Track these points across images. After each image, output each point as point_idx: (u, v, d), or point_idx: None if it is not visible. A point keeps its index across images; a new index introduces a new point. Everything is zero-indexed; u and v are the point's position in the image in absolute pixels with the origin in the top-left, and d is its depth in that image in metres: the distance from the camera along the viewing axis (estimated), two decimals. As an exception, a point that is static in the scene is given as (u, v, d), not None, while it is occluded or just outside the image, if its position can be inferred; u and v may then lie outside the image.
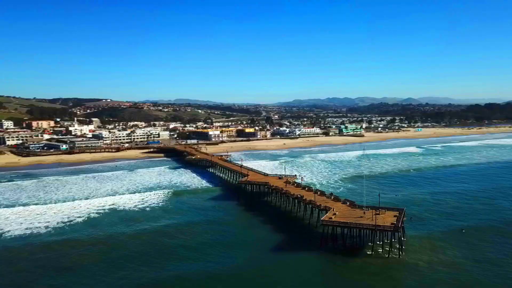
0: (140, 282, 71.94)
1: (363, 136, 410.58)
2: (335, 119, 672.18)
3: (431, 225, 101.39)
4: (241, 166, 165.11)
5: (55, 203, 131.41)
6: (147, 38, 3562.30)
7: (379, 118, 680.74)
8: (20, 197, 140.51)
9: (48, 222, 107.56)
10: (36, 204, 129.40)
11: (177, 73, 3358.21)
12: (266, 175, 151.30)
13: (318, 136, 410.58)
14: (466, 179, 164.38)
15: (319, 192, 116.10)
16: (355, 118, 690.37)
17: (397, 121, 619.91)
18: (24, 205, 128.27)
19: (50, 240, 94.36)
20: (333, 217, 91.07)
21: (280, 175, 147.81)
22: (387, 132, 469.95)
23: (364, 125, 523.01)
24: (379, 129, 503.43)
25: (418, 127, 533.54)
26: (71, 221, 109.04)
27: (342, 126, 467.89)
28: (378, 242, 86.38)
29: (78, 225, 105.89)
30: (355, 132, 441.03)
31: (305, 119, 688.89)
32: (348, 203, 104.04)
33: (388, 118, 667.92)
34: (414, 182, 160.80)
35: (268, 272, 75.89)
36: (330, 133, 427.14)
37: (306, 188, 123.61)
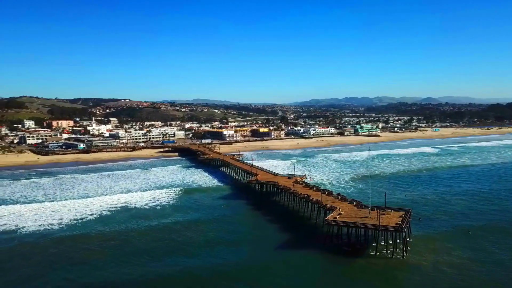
0: (147, 276, 74.22)
1: (378, 136, 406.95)
2: (351, 119, 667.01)
3: (439, 226, 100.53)
4: (251, 165, 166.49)
5: (70, 199, 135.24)
6: (167, 40, 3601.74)
7: (396, 118, 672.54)
8: (37, 195, 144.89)
9: (62, 219, 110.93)
10: (52, 201, 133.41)
11: (195, 74, 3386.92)
12: (275, 174, 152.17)
13: (333, 136, 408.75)
14: (479, 180, 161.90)
15: (326, 192, 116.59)
16: (372, 118, 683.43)
17: (414, 121, 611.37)
18: (40, 202, 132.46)
19: (63, 236, 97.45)
20: (338, 216, 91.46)
21: (289, 174, 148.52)
22: (404, 132, 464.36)
23: (380, 125, 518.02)
24: (396, 129, 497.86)
25: (436, 127, 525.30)
26: (84, 218, 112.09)
27: (358, 126, 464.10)
28: (382, 243, 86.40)
29: (90, 222, 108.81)
30: (370, 132, 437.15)
31: (321, 118, 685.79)
32: (354, 203, 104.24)
33: (406, 118, 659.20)
34: (426, 182, 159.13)
35: (271, 270, 76.86)
36: (345, 133, 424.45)
37: (314, 188, 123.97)
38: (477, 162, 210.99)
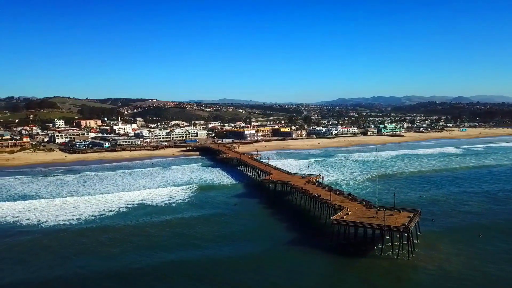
0: (155, 266, 79.12)
1: (402, 136, 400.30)
2: (377, 119, 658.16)
3: (451, 227, 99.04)
4: (266, 165, 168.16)
5: (91, 196, 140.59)
6: (196, 42, 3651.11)
7: (423, 118, 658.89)
8: (61, 191, 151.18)
9: (81, 214, 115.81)
10: (73, 197, 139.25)
11: (221, 74, 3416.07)
12: (289, 174, 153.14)
13: (355, 135, 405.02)
14: (501, 180, 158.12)
15: (338, 192, 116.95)
16: (398, 118, 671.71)
17: (442, 120, 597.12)
18: (63, 198, 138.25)
19: (80, 229, 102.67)
20: (345, 216, 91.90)
21: (303, 174, 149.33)
22: (429, 132, 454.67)
23: (405, 125, 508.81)
24: (421, 129, 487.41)
25: (464, 127, 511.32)
26: (102, 215, 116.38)
27: (381, 126, 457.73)
28: (388, 244, 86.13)
29: (107, 218, 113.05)
30: (394, 132, 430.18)
31: (346, 118, 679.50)
32: (364, 203, 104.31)
33: (433, 117, 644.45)
34: (445, 183, 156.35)
35: (274, 265, 78.39)
36: (368, 133, 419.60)
37: (326, 188, 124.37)
38: (502, 162, 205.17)
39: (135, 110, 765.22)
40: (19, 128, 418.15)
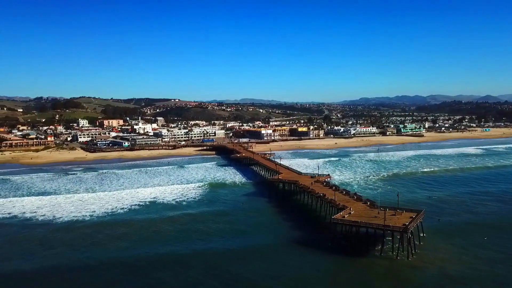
0: (160, 256, 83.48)
1: (422, 136, 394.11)
2: (399, 118, 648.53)
3: (456, 228, 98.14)
4: (277, 164, 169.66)
5: (106, 193, 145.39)
6: (218, 44, 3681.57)
7: (447, 118, 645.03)
8: (78, 188, 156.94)
9: (94, 211, 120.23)
10: (89, 194, 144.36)
11: (243, 74, 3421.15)
12: (299, 173, 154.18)
13: (374, 135, 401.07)
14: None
15: (344, 192, 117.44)
16: (421, 117, 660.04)
17: (466, 120, 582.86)
18: (79, 195, 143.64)
19: (92, 224, 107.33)
20: (346, 216, 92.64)
21: (313, 174, 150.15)
22: (450, 132, 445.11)
23: (427, 125, 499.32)
24: (443, 129, 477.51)
25: (488, 126, 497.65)
26: (114, 211, 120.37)
27: (401, 126, 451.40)
28: (389, 244, 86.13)
29: (119, 214, 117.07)
30: (413, 132, 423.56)
31: (367, 118, 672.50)
32: (368, 203, 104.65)
33: (457, 117, 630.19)
34: (458, 183, 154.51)
35: (276, 264, 79.74)
36: (387, 133, 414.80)
37: (333, 188, 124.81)
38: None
39: (157, 110, 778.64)
40: (45, 128, 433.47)
